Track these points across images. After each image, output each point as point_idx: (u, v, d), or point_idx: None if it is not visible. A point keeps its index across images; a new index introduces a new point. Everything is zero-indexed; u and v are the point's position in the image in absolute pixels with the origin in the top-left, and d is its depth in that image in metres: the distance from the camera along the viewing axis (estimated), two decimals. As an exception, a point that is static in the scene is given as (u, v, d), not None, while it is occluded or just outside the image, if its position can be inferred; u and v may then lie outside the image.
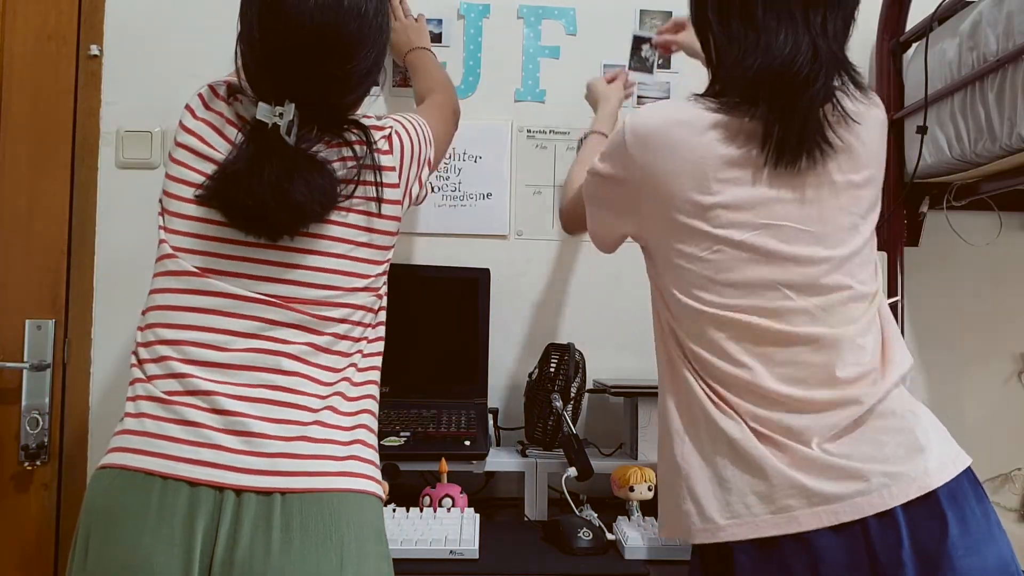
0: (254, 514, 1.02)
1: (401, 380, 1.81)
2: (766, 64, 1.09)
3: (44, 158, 1.85)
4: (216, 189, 1.11)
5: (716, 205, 1.10)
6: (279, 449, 1.06)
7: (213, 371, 1.09)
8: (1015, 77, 1.49)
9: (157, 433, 1.06)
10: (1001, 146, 1.54)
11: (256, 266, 1.13)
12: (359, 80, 1.18)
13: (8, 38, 1.86)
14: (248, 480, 1.04)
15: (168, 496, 1.03)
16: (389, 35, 1.24)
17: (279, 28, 1.11)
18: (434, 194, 1.95)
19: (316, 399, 1.11)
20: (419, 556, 1.34)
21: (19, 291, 1.83)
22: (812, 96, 1.09)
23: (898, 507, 1.02)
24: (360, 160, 1.17)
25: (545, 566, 1.36)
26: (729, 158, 1.11)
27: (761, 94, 1.10)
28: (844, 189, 1.13)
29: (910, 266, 1.94)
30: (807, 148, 1.10)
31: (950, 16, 1.73)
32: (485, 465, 1.62)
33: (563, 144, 1.98)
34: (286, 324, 1.12)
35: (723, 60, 1.16)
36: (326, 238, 1.15)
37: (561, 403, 1.69)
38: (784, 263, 1.10)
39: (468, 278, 1.85)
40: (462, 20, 1.98)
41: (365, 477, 1.11)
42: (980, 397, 2.00)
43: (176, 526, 1.01)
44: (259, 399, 1.09)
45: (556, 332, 1.93)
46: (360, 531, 1.07)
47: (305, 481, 1.05)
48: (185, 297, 1.12)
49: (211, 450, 1.05)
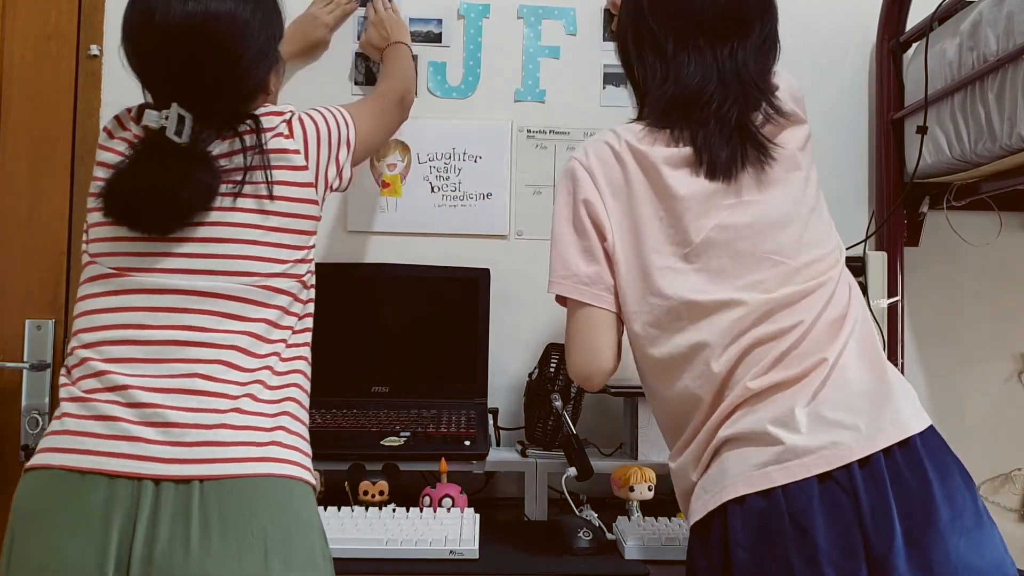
0: (172, 507, 1.02)
1: (401, 380, 1.81)
2: (677, 92, 1.21)
3: (44, 158, 1.85)
4: (102, 191, 1.15)
5: None
6: (197, 438, 1.06)
7: (130, 366, 1.10)
8: (1015, 77, 1.49)
9: (77, 431, 1.07)
10: (1001, 146, 1.54)
11: (170, 259, 1.15)
12: (240, 78, 1.19)
13: (8, 38, 1.86)
14: (165, 469, 1.04)
15: (86, 492, 1.03)
16: (274, 30, 1.25)
17: (151, 36, 1.16)
18: (434, 194, 1.95)
19: (236, 386, 1.11)
20: (419, 556, 1.34)
21: (19, 291, 1.83)
22: (723, 115, 1.18)
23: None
24: (248, 149, 1.18)
25: (545, 566, 1.36)
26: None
27: (674, 118, 1.20)
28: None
29: (910, 266, 1.94)
30: (735, 158, 1.18)
31: (950, 16, 1.73)
32: (485, 465, 1.62)
33: (563, 144, 1.98)
34: (203, 312, 1.13)
35: (643, 88, 1.27)
36: (228, 225, 1.16)
37: (561, 403, 1.69)
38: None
39: (468, 278, 1.85)
40: (462, 20, 1.98)
41: (288, 462, 1.10)
42: (980, 397, 2.00)
43: (93, 522, 1.01)
44: (176, 389, 1.09)
45: (556, 332, 1.93)
46: (284, 522, 1.06)
47: (223, 467, 1.05)
48: (104, 299, 1.15)
49: (129, 442, 1.05)
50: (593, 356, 1.21)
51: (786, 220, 1.17)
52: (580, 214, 1.21)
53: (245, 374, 1.12)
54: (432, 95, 1.97)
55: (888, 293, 1.89)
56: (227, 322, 1.13)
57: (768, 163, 1.19)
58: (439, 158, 1.96)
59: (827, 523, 1.02)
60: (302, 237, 1.22)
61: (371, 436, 1.62)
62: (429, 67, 1.97)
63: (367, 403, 1.75)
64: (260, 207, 1.18)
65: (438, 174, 1.96)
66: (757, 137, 1.19)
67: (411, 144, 1.95)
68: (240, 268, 1.16)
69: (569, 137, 1.98)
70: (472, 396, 1.80)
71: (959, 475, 1.07)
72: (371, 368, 1.82)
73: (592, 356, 1.21)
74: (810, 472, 1.03)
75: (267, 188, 1.18)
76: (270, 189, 1.18)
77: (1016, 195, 1.83)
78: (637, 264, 1.19)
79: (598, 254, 1.21)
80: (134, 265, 1.15)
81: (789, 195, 1.19)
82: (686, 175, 1.19)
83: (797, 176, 1.21)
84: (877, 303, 1.88)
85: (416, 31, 1.96)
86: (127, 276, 1.15)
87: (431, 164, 1.96)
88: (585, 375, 1.23)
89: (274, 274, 1.17)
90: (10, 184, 1.83)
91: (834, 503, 1.02)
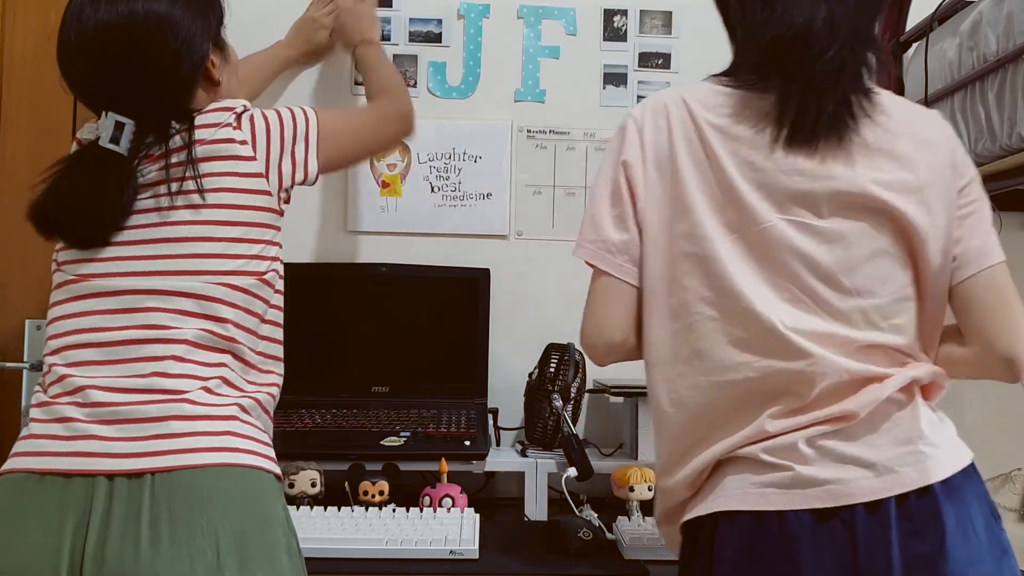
0: (125, 505, 1.00)
1: (401, 380, 1.81)
2: (779, 34, 1.06)
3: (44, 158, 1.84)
4: (28, 209, 1.19)
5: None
6: (149, 431, 1.05)
7: (90, 368, 1.10)
8: (1015, 77, 1.49)
9: (39, 434, 1.07)
10: (1001, 146, 1.54)
11: (127, 263, 1.14)
12: (166, 74, 1.18)
13: (8, 38, 1.86)
14: (117, 464, 1.03)
15: (43, 494, 1.02)
16: (206, 17, 1.23)
17: (71, 50, 1.18)
18: (434, 194, 1.95)
19: (192, 380, 1.10)
20: (419, 556, 1.34)
21: (19, 291, 1.83)
22: (826, 67, 1.04)
23: None
24: (182, 148, 1.17)
25: (545, 566, 1.36)
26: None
27: (772, 67, 1.06)
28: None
29: (910, 266, 1.94)
30: (826, 127, 1.05)
31: (950, 16, 1.73)
32: (485, 465, 1.62)
33: (563, 144, 1.98)
34: (160, 310, 1.12)
35: (738, 35, 1.14)
36: (175, 224, 1.15)
37: (561, 403, 1.69)
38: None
39: (468, 278, 1.85)
40: (462, 20, 1.98)
41: (244, 452, 1.08)
42: (980, 397, 2.00)
43: (49, 523, 1.00)
44: (134, 388, 1.08)
45: (556, 332, 1.93)
46: (239, 518, 1.03)
47: (174, 459, 1.03)
48: (68, 305, 1.15)
49: (84, 440, 1.05)
50: (602, 328, 1.14)
51: None
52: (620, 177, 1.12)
53: (203, 368, 1.11)
54: (432, 95, 1.97)
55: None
56: (184, 319, 1.12)
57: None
58: (439, 158, 1.96)
59: (815, 560, 0.96)
60: (256, 230, 1.19)
61: (371, 436, 1.62)
62: (429, 67, 1.97)
63: (367, 403, 1.75)
64: (202, 202, 1.16)
65: (438, 174, 1.96)
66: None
67: (411, 144, 1.95)
68: (194, 267, 1.15)
69: (569, 137, 1.98)
70: (472, 396, 1.80)
71: (984, 528, 0.99)
72: (371, 368, 1.82)
73: (601, 328, 1.14)
74: (811, 504, 0.98)
75: (196, 183, 1.16)
76: (200, 184, 1.16)
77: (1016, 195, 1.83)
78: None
79: (629, 223, 1.12)
80: (94, 271, 1.15)
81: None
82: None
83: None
84: (877, 303, 1.88)
85: (416, 31, 1.96)
86: (88, 281, 1.15)
87: (431, 164, 1.96)
88: (589, 344, 1.16)
89: (230, 271, 1.16)
90: (10, 184, 1.83)
91: (829, 542, 0.97)
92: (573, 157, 1.98)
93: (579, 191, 1.98)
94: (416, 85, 1.96)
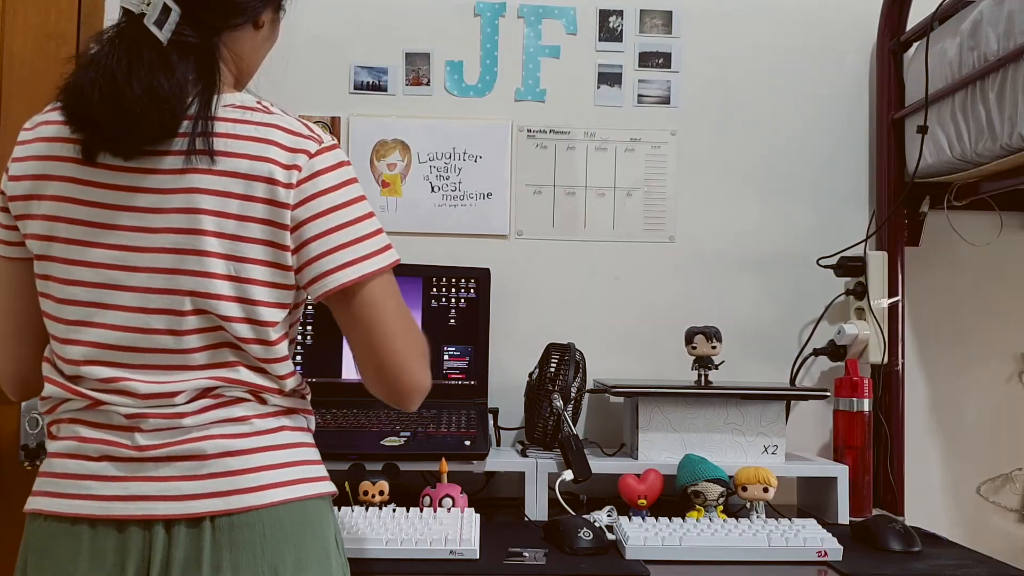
0: (184, 550, 0.97)
1: (401, 380, 1.81)
2: None
3: (44, 158, 1.85)
4: (60, 91, 0.99)
5: None
6: (211, 469, 0.99)
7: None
8: (1015, 77, 1.49)
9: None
10: (1002, 146, 1.54)
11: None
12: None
13: (8, 38, 1.86)
14: (178, 508, 0.98)
15: (98, 539, 0.99)
16: None
17: None
18: (434, 194, 1.95)
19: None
20: (419, 556, 1.34)
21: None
22: None
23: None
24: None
25: (545, 566, 1.35)
26: None
27: None
28: None
29: (910, 266, 1.94)
30: None
31: (950, 16, 1.74)
32: (485, 465, 1.62)
33: (563, 144, 1.98)
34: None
35: None
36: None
37: (561, 403, 1.69)
38: None
39: (468, 278, 1.85)
40: (478, 18, 1.98)
41: (303, 481, 1.04)
42: (980, 397, 2.00)
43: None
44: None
45: (556, 332, 1.93)
46: (297, 555, 1.01)
47: (237, 500, 0.99)
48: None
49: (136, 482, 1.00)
50: None
51: None
52: None
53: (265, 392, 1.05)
54: (449, 94, 1.97)
55: (888, 293, 1.90)
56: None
57: None
58: (439, 158, 1.96)
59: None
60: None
61: (371, 436, 1.62)
62: (446, 66, 1.97)
63: (367, 403, 1.75)
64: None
65: (438, 174, 1.96)
66: None
67: (411, 144, 1.95)
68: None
69: (569, 137, 1.98)
70: (472, 396, 1.80)
71: None
72: (371, 368, 1.81)
73: None
74: None
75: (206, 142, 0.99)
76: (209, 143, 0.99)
77: (1016, 195, 1.83)
78: None
79: None
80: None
81: None
82: None
83: None
84: (878, 303, 1.88)
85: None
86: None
87: (431, 164, 1.96)
88: None
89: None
90: (10, 184, 1.83)
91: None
92: (573, 157, 1.98)
93: (579, 191, 1.98)
94: (430, 83, 1.97)
